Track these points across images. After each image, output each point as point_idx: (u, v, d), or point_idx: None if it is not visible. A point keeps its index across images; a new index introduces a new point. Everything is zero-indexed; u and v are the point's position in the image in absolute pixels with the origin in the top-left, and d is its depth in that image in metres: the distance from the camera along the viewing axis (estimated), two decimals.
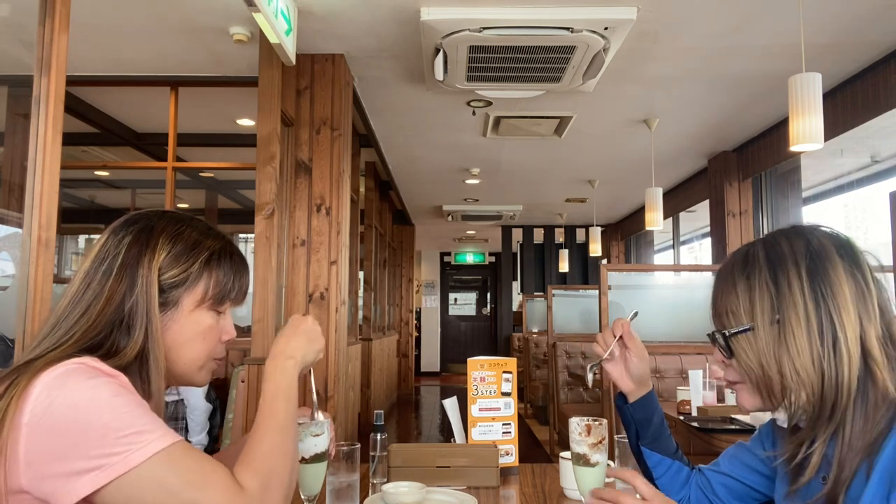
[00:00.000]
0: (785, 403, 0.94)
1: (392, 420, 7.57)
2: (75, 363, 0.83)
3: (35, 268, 1.87)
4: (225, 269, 1.00)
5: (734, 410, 2.70)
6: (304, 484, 1.17)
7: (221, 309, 1.02)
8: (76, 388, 0.80)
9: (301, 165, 3.64)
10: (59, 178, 1.97)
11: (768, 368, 0.93)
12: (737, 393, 1.02)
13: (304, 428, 1.14)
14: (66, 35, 2.02)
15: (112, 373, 0.85)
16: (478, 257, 13.48)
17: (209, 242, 1.01)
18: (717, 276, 1.04)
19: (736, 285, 0.98)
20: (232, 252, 1.03)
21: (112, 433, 0.77)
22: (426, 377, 12.51)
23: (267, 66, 3.19)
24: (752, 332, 0.95)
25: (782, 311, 0.93)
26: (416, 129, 5.19)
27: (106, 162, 5.76)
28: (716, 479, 1.20)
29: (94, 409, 0.78)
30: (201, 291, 0.98)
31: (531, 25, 3.11)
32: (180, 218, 1.02)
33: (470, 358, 1.67)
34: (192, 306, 0.97)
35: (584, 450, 1.10)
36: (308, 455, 1.15)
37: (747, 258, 0.99)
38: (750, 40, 3.53)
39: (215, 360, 1.04)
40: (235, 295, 1.03)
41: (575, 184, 7.23)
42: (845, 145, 5.15)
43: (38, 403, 0.78)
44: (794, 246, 0.96)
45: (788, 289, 0.93)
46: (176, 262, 0.96)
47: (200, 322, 0.98)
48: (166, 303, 0.96)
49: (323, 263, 3.58)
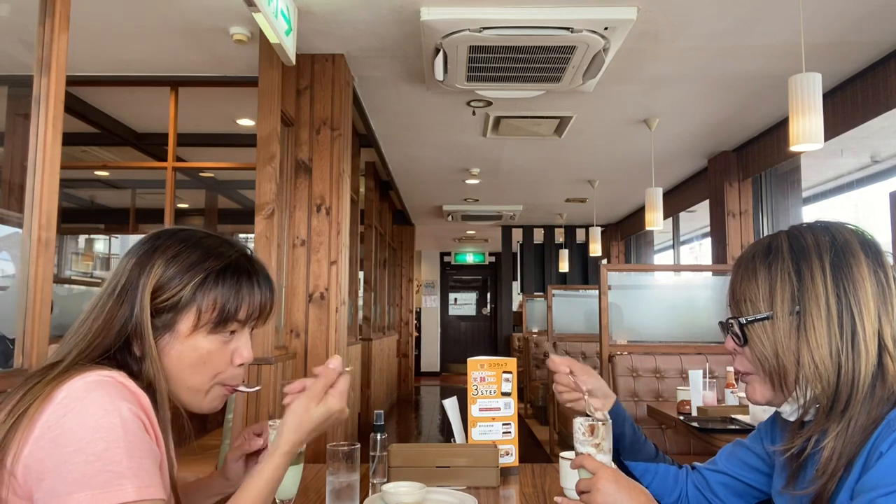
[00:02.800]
0: (795, 396, 0.94)
1: (392, 420, 7.57)
2: (106, 375, 0.83)
3: (35, 268, 1.87)
4: (224, 290, 0.95)
5: (734, 410, 2.70)
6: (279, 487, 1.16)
7: (226, 331, 0.96)
8: (92, 404, 0.79)
9: (301, 165, 3.64)
10: (59, 178, 1.97)
11: (784, 358, 0.93)
12: (747, 384, 1.02)
13: (274, 430, 1.14)
14: (66, 35, 2.02)
15: (137, 392, 0.85)
16: (478, 257, 13.48)
17: (209, 263, 0.95)
18: (736, 264, 1.03)
19: (757, 273, 0.98)
20: (238, 270, 0.97)
21: (97, 462, 0.76)
22: (426, 377, 12.50)
23: (267, 66, 3.19)
24: (770, 321, 0.95)
25: (803, 303, 0.93)
26: (416, 129, 5.19)
27: (106, 162, 5.76)
28: (713, 477, 1.20)
29: (95, 433, 0.78)
30: (195, 315, 0.93)
31: (531, 25, 3.11)
32: (188, 237, 0.98)
33: (470, 358, 1.67)
34: (188, 330, 0.93)
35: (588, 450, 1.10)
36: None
37: (770, 248, 0.99)
38: (750, 40, 3.53)
39: (226, 385, 0.98)
40: (246, 315, 0.97)
41: (575, 184, 7.23)
42: (845, 145, 5.16)
43: (56, 410, 0.79)
44: (818, 239, 0.96)
45: (811, 281, 0.93)
46: (168, 285, 0.93)
47: (198, 347, 0.94)
48: (163, 326, 0.93)
49: (323, 263, 3.58)
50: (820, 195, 6.68)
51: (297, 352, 3.51)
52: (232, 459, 1.21)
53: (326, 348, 3.53)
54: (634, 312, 3.85)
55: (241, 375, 0.99)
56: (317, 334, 3.53)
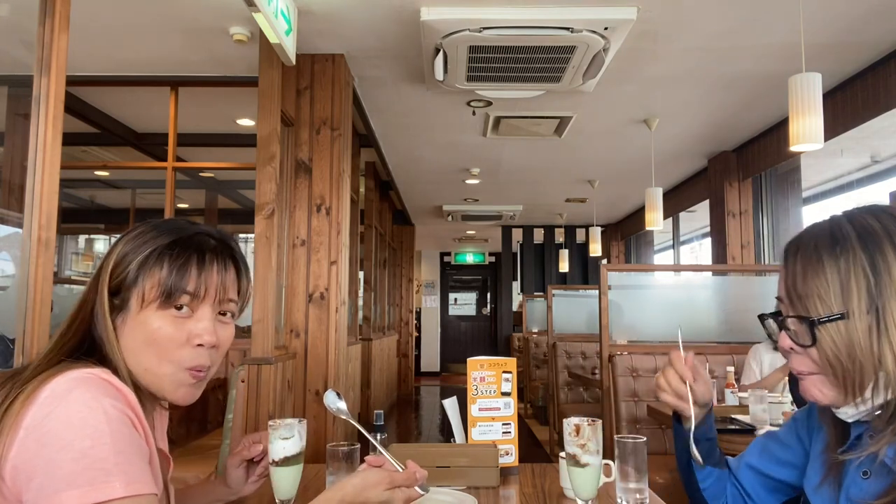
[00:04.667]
0: (863, 398, 0.87)
1: (392, 420, 7.57)
2: (87, 373, 0.83)
3: (35, 268, 1.87)
4: (168, 264, 0.92)
5: (734, 410, 2.70)
6: (278, 487, 1.17)
7: (172, 305, 0.92)
8: (75, 401, 0.79)
9: (301, 165, 3.64)
10: (59, 178, 1.97)
11: (862, 360, 0.85)
12: (807, 383, 0.93)
13: (273, 430, 1.15)
14: (66, 35, 2.02)
15: (122, 388, 0.84)
16: (478, 257, 13.48)
17: (160, 239, 0.94)
18: (793, 254, 0.93)
19: (824, 266, 0.88)
20: (189, 246, 0.95)
21: (84, 460, 0.76)
22: (426, 377, 12.50)
23: (267, 66, 3.18)
24: (845, 321, 0.86)
25: (882, 299, 0.85)
26: (416, 129, 5.19)
27: (106, 162, 5.76)
28: (747, 477, 1.17)
29: (81, 431, 0.77)
30: (142, 289, 0.92)
31: (531, 25, 3.11)
32: (157, 223, 0.98)
33: (470, 358, 1.67)
34: (138, 307, 0.92)
35: (574, 450, 1.10)
36: (278, 458, 1.15)
37: (835, 237, 0.90)
38: (750, 40, 3.53)
39: (191, 370, 0.94)
40: (195, 290, 0.93)
41: (575, 184, 7.23)
42: (845, 145, 5.16)
43: (40, 409, 0.79)
44: (884, 224, 0.88)
45: (888, 274, 0.85)
46: (122, 262, 0.94)
47: (147, 323, 0.92)
48: (120, 305, 0.93)
49: (323, 263, 3.58)
50: (820, 195, 6.69)
51: (297, 352, 3.52)
52: (232, 466, 1.21)
53: (326, 348, 3.53)
54: (634, 312, 3.85)
55: (203, 356, 0.94)
56: (317, 334, 3.53)
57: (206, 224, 1.03)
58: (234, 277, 0.99)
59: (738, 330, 3.72)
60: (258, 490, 1.36)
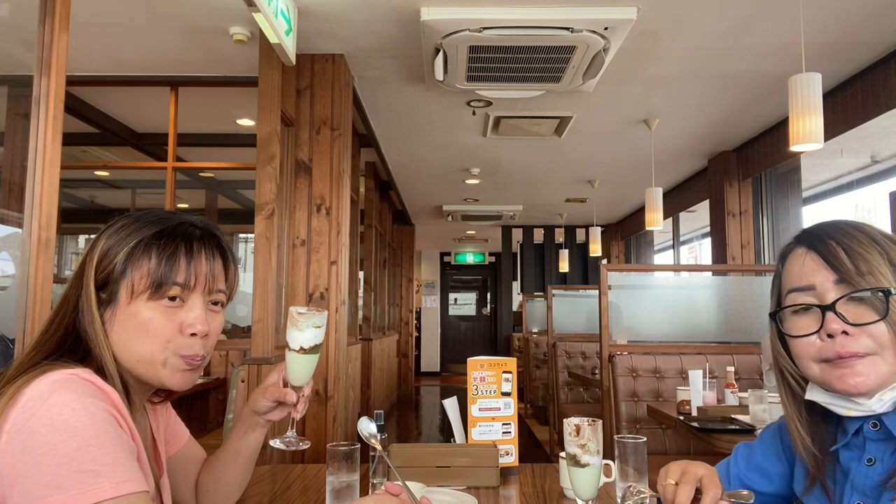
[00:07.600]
0: None
1: (392, 420, 7.57)
2: (68, 374, 0.81)
3: (35, 268, 1.87)
4: (156, 254, 0.92)
5: (734, 410, 2.70)
6: (298, 374, 1.14)
7: (163, 296, 0.92)
8: (56, 404, 0.78)
9: (301, 165, 3.64)
10: (59, 178, 1.97)
11: None
12: (860, 366, 0.88)
13: (304, 318, 1.13)
14: (66, 35, 2.02)
15: (105, 388, 0.83)
16: (478, 257, 13.48)
17: (145, 230, 0.94)
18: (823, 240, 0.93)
19: (866, 246, 0.90)
20: (175, 236, 0.94)
21: (70, 463, 0.74)
22: (426, 377, 12.50)
23: (267, 67, 3.19)
24: None
25: None
26: (416, 129, 5.19)
27: (106, 162, 5.76)
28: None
29: (64, 433, 0.76)
30: (131, 281, 0.92)
31: (531, 25, 3.11)
32: (138, 215, 0.97)
33: (470, 358, 1.67)
34: (127, 299, 0.92)
35: (574, 450, 1.10)
36: (308, 346, 1.14)
37: (850, 224, 0.93)
38: (750, 40, 3.53)
39: (184, 357, 0.94)
40: (184, 281, 0.93)
41: (575, 184, 7.23)
42: (845, 145, 5.16)
43: (21, 413, 0.77)
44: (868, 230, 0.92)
45: None
46: (107, 256, 0.93)
47: (138, 315, 0.91)
48: (108, 299, 0.93)
49: (323, 263, 3.58)
50: (820, 195, 6.69)
51: None
52: (266, 399, 1.14)
53: (326, 348, 3.53)
54: (634, 312, 3.85)
55: (196, 346, 0.94)
56: None
57: (192, 216, 1.03)
58: (222, 266, 0.99)
59: (738, 330, 3.72)
60: (258, 490, 1.36)
